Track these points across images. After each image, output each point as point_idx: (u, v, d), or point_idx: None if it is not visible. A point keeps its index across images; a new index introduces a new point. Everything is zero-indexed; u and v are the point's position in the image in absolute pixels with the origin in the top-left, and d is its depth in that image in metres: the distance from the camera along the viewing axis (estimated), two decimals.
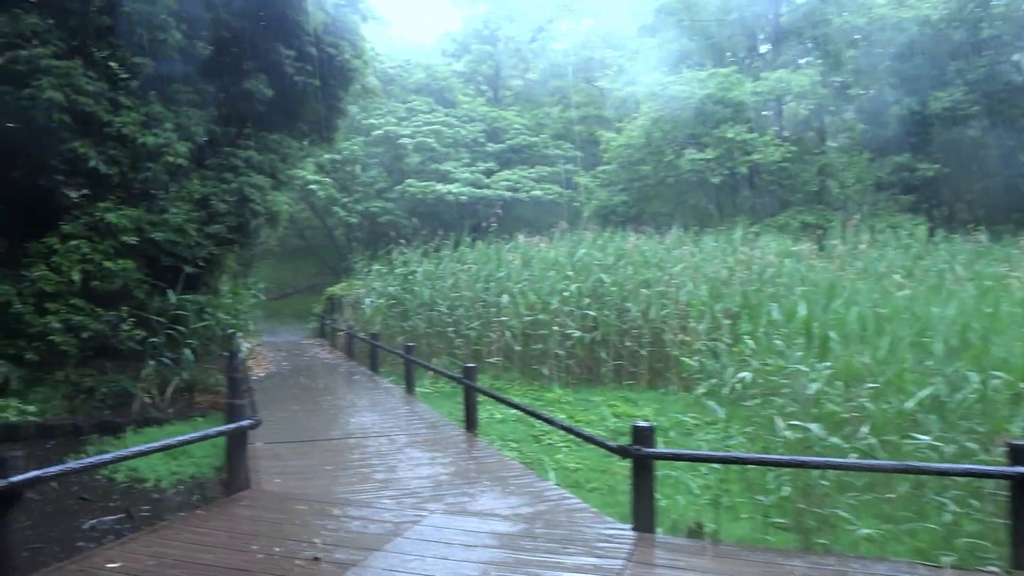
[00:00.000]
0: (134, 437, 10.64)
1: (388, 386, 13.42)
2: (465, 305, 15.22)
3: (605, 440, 5.77)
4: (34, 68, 11.91)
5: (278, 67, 15.26)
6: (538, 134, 34.75)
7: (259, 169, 15.68)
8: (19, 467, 4.52)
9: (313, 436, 9.07)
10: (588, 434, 6.08)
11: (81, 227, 12.77)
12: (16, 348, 11.86)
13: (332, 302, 24.18)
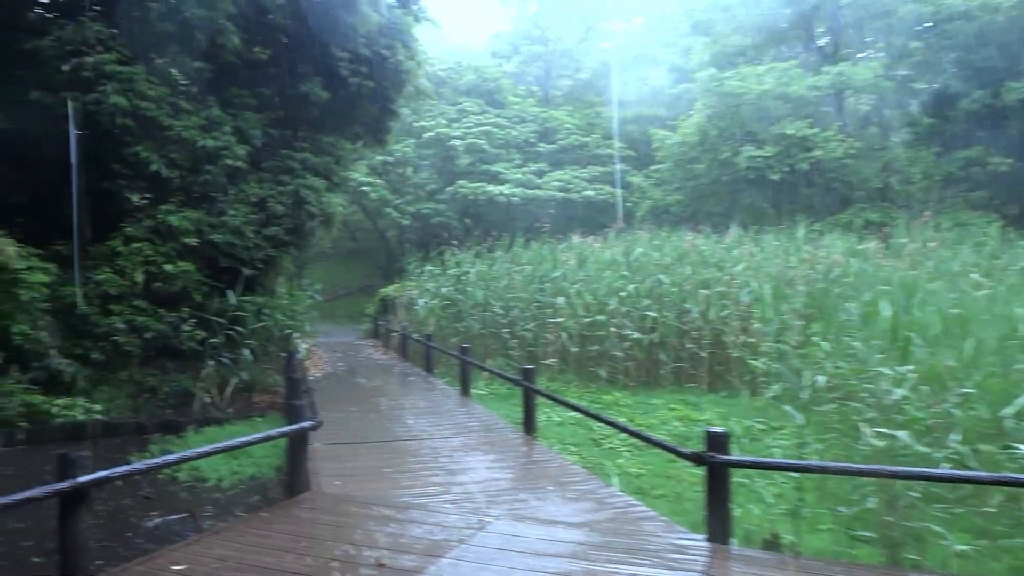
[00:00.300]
0: (195, 436, 10.75)
1: (443, 387, 13.33)
2: (520, 306, 15.05)
3: (677, 446, 5.51)
4: (99, 74, 12.18)
5: (333, 70, 15.33)
6: (589, 134, 34.41)
7: (314, 171, 15.79)
8: (86, 467, 4.51)
9: (371, 437, 8.99)
10: (659, 440, 5.83)
11: (144, 229, 13.02)
12: (83, 348, 12.14)
13: (385, 303, 24.27)
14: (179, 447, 10.12)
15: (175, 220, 12.95)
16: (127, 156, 12.78)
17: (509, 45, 42.14)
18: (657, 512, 6.12)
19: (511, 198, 29.92)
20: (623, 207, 30.57)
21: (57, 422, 10.86)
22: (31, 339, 11.17)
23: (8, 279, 11.00)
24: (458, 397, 12.16)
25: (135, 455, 9.76)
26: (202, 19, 12.75)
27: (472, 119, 33.01)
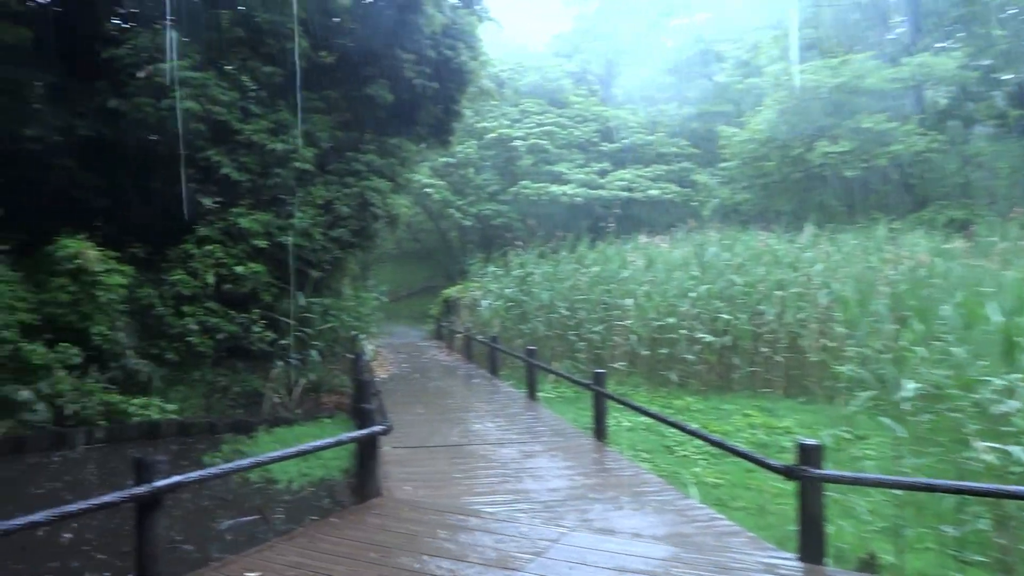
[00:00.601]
0: (265, 437, 10.84)
1: (509, 390, 13.16)
2: (586, 308, 14.78)
3: (766, 458, 5.18)
4: (173, 79, 12.42)
5: (397, 71, 15.34)
6: (653, 132, 33.81)
7: (379, 173, 15.84)
8: (162, 471, 4.47)
9: (439, 441, 8.88)
10: (745, 451, 5.51)
11: (216, 232, 13.24)
12: (158, 348, 12.42)
13: (448, 304, 24.29)
14: (250, 447, 10.22)
15: (245, 222, 13.13)
16: (199, 160, 13.01)
17: (571, 44, 41.80)
18: (742, 526, 5.80)
19: (574, 198, 29.63)
20: (688, 206, 29.92)
21: (134, 421, 11.11)
22: (109, 339, 11.48)
23: (88, 281, 11.31)
24: (525, 400, 11.97)
25: (207, 455, 9.91)
26: (271, 24, 12.92)
27: (534, 119, 32.83)
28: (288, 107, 14.16)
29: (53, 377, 10.62)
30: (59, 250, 11.12)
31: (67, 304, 11.25)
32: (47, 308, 11.15)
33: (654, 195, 30.08)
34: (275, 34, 13.12)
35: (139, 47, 12.56)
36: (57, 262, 11.31)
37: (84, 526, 6.92)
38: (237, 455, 9.88)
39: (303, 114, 14.40)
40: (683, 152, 32.71)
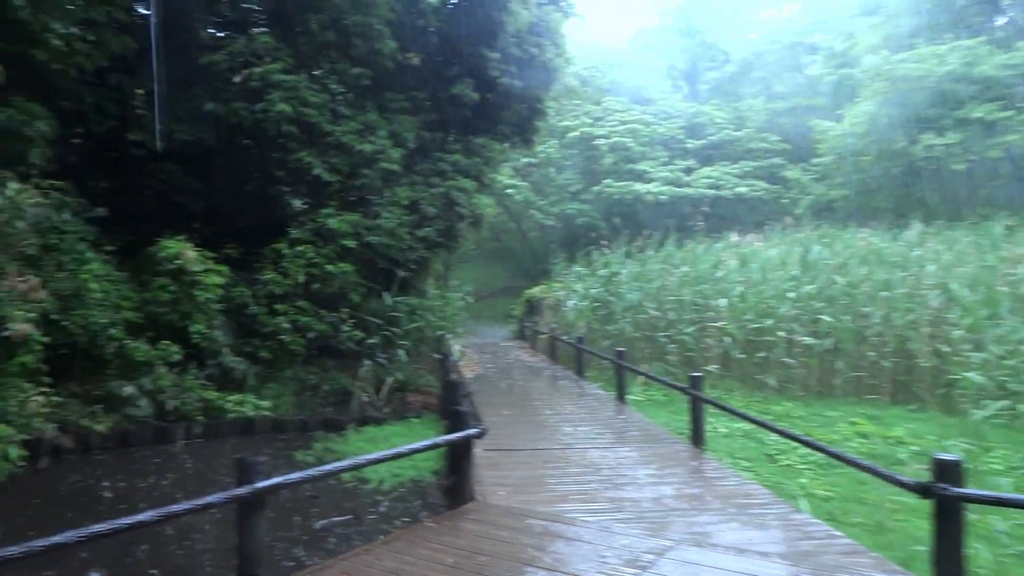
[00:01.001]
0: (355, 436, 10.90)
1: (596, 392, 12.86)
2: (676, 308, 14.32)
3: (895, 474, 4.74)
4: (266, 83, 12.70)
5: (483, 70, 15.28)
6: (740, 128, 32.77)
7: (465, 173, 15.83)
8: (264, 472, 4.42)
9: (529, 444, 8.67)
10: (870, 465, 5.07)
11: (307, 232, 13.45)
12: (252, 347, 12.70)
13: (531, 304, 24.13)
14: (341, 445, 10.29)
15: (335, 223, 13.30)
16: (291, 162, 13.26)
17: (655, 39, 41.05)
18: (862, 545, 5.36)
19: (659, 196, 28.99)
20: (778, 204, 28.85)
21: (230, 418, 11.36)
22: (207, 337, 11.79)
23: (188, 281, 11.65)
24: (614, 403, 11.65)
25: (300, 452, 10.02)
26: (360, 26, 13.04)
27: (617, 117, 32.32)
28: (376, 108, 14.29)
29: (155, 374, 10.98)
30: (161, 251, 11.50)
31: (168, 303, 11.62)
32: (149, 307, 11.54)
33: (742, 192, 29.15)
34: (364, 36, 13.24)
35: (235, 52, 12.87)
36: (159, 262, 11.70)
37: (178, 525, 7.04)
38: (329, 453, 9.96)
39: (390, 115, 14.52)
40: (772, 148, 31.56)
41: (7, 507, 7.39)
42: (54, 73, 10.56)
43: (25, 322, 8.22)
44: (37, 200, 8.63)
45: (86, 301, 10.28)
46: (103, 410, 10.45)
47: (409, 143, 14.53)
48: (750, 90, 37.31)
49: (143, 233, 13.86)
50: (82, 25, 10.59)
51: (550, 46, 16.62)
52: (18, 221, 8.34)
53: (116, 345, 10.64)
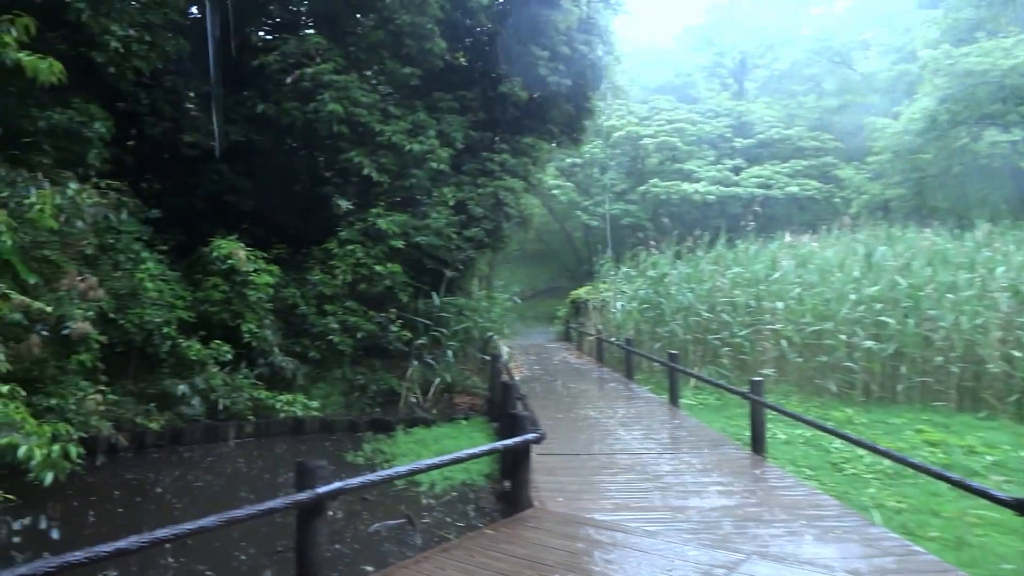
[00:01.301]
0: (404, 437, 10.81)
1: (647, 395, 12.59)
2: (729, 310, 13.95)
3: (990, 490, 4.43)
4: (318, 84, 12.72)
5: (532, 69, 15.11)
6: (790, 126, 32.05)
7: (512, 173, 15.68)
8: (325, 477, 4.32)
9: (583, 449, 8.49)
10: (958, 479, 4.76)
11: (355, 232, 13.45)
12: (301, 346, 12.73)
13: (576, 305, 23.90)
14: (391, 447, 10.22)
15: (383, 223, 13.26)
16: (341, 162, 13.27)
17: (702, 37, 40.45)
18: (947, 562, 5.06)
19: (706, 196, 28.49)
20: (829, 203, 28.14)
21: (279, 417, 11.39)
22: (257, 337, 11.82)
23: (239, 280, 11.72)
24: (667, 407, 11.39)
25: (351, 453, 9.97)
26: (411, 25, 12.98)
27: (663, 116, 31.87)
28: (424, 108, 14.23)
29: (207, 372, 11.05)
30: (214, 250, 11.57)
31: (220, 302, 11.70)
32: (201, 306, 11.63)
33: (793, 192, 28.49)
34: (414, 35, 13.18)
35: (287, 53, 12.93)
36: (211, 262, 11.78)
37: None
38: (378, 455, 9.90)
39: (439, 114, 14.45)
40: (824, 146, 30.82)
41: (67, 505, 7.46)
42: (112, 75, 10.70)
43: (84, 321, 8.30)
44: (96, 200, 8.71)
45: (141, 300, 10.39)
46: (157, 408, 10.55)
47: (457, 143, 14.43)
48: (800, 87, 36.55)
49: (194, 233, 14.03)
50: (139, 28, 10.71)
51: (599, 44, 16.40)
52: (77, 221, 8.43)
53: (170, 344, 10.73)
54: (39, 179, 7.68)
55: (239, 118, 14.42)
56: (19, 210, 6.99)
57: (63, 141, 9.88)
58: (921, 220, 20.45)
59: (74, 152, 10.07)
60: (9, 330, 7.75)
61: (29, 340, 7.59)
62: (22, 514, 5.96)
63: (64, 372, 8.67)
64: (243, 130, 14.26)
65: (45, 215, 7.05)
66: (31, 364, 7.97)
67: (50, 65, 6.39)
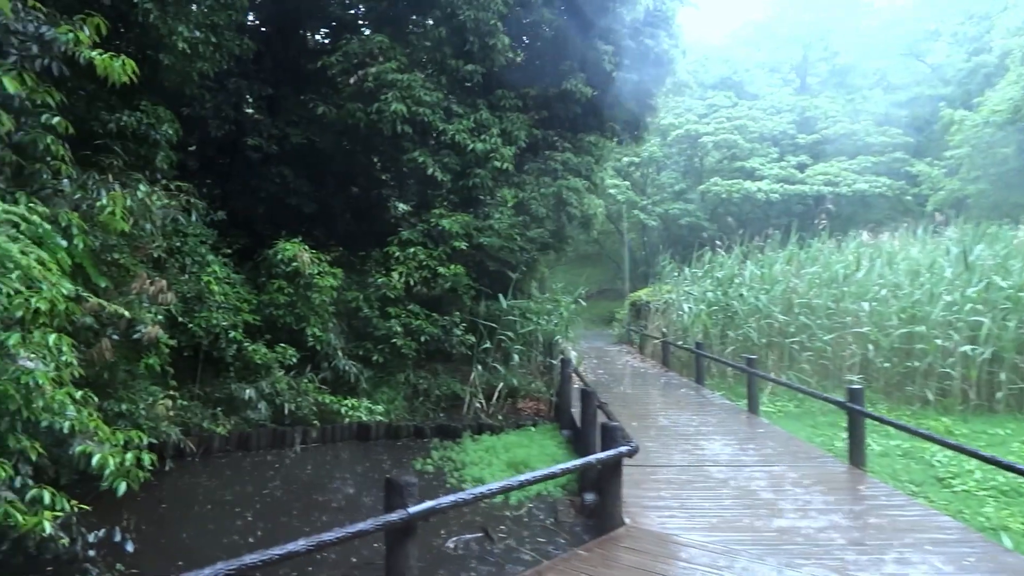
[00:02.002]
0: (472, 444, 10.47)
1: (723, 402, 12.02)
2: (807, 312, 13.27)
3: None
4: (381, 83, 12.51)
5: (596, 64, 14.68)
6: (855, 121, 30.86)
7: (575, 172, 15.27)
8: (415, 495, 3.99)
9: (666, 460, 8.02)
10: None
11: (418, 234, 13.20)
12: (364, 350, 12.52)
13: (636, 308, 23.34)
14: (459, 455, 9.90)
15: (447, 223, 12.98)
16: (402, 163, 13.04)
17: (761, 32, 39.39)
18: None
19: (770, 194, 27.58)
20: (900, 199, 26.96)
21: (344, 422, 11.18)
22: (321, 341, 11.64)
23: (303, 283, 11.55)
24: (745, 414, 10.82)
25: (419, 461, 9.67)
26: (474, 21, 12.68)
27: (723, 113, 31.02)
28: (487, 106, 13.92)
29: (272, 376, 10.89)
30: (278, 253, 11.42)
31: (284, 305, 11.55)
32: (266, 309, 11.51)
33: (861, 189, 27.35)
34: (477, 31, 12.87)
35: (349, 53, 12.76)
36: (275, 265, 11.64)
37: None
38: (447, 463, 9.59)
39: (500, 112, 14.12)
40: (893, 141, 29.57)
41: (139, 514, 7.32)
42: (178, 78, 10.64)
43: (153, 324, 8.18)
44: (165, 202, 8.60)
45: (208, 303, 10.29)
46: (223, 412, 10.43)
47: (520, 141, 14.08)
48: (865, 81, 35.28)
49: (255, 236, 14.00)
50: (204, 29, 10.64)
51: (665, 37, 15.88)
52: (147, 223, 8.32)
53: (235, 347, 10.61)
54: (109, 181, 7.56)
55: (300, 120, 14.35)
56: (90, 212, 6.86)
57: (131, 144, 9.84)
58: (1001, 217, 19.37)
59: (142, 155, 10.03)
60: (81, 334, 7.66)
61: (100, 344, 7.47)
62: (94, 524, 5.78)
63: (134, 376, 8.57)
64: (304, 132, 14.18)
65: (116, 217, 6.90)
66: (101, 368, 7.86)
67: (123, 64, 6.22)
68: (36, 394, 4.98)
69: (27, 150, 6.45)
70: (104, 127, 9.54)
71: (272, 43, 14.98)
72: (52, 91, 6.49)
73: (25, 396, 4.97)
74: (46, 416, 5.24)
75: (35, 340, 5.06)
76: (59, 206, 6.50)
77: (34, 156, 6.51)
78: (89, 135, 9.42)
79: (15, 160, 6.29)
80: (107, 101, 9.94)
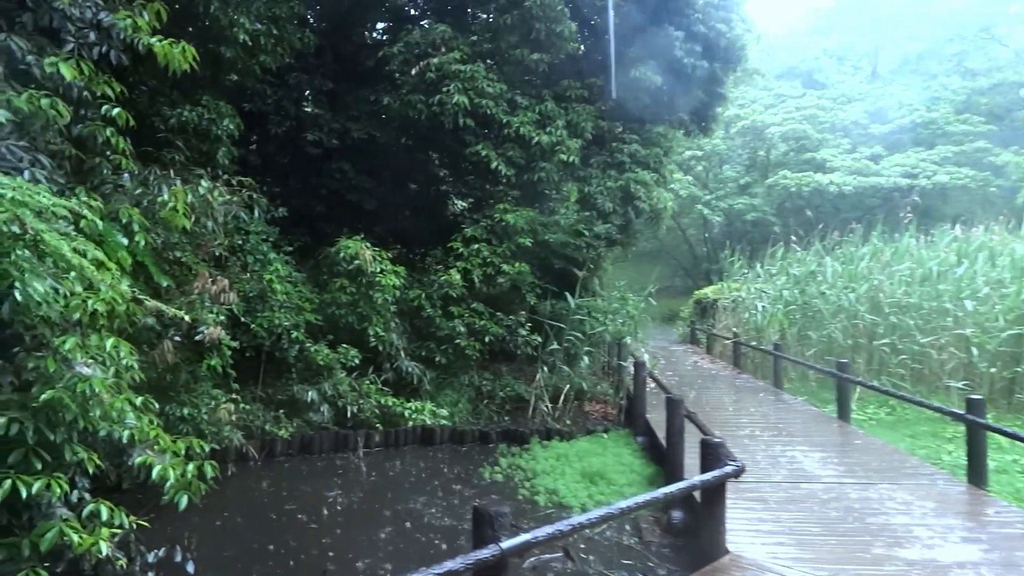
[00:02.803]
0: (541, 451, 9.95)
1: (806, 408, 11.23)
2: (897, 312, 12.35)
3: None
4: (443, 74, 12.07)
5: (666, 51, 13.99)
6: (932, 109, 29.27)
7: (643, 164, 14.61)
8: (507, 526, 3.48)
9: (760, 475, 7.34)
10: None
11: (481, 230, 12.74)
12: (427, 351, 12.10)
13: (701, 306, 22.49)
14: (528, 462, 9.39)
15: (511, 219, 12.49)
16: (469, 156, 12.59)
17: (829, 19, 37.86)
18: None
19: (843, 187, 26.30)
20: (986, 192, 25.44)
21: (408, 426, 10.79)
22: (384, 341, 11.26)
23: (365, 282, 11.19)
24: (836, 423, 10.03)
25: (486, 468, 9.20)
26: (541, 7, 12.14)
27: (791, 103, 29.79)
28: (552, 97, 13.36)
29: (335, 378, 10.56)
30: (341, 250, 11.07)
31: (346, 304, 11.22)
32: (328, 309, 11.19)
33: (941, 181, 25.88)
34: (544, 18, 12.31)
35: (410, 44, 12.36)
36: (337, 263, 11.31)
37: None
38: (517, 471, 9.10)
39: (566, 103, 13.55)
40: (974, 130, 27.93)
41: (200, 525, 7.01)
42: (240, 72, 10.40)
43: (216, 325, 7.89)
44: (226, 199, 8.30)
45: (270, 303, 10.00)
46: (285, 415, 10.15)
47: (587, 133, 13.48)
48: (941, 67, 33.54)
49: (316, 234, 13.74)
50: (266, 21, 10.36)
51: (738, 21, 15.08)
52: (208, 221, 8.04)
53: (297, 348, 10.30)
54: (171, 177, 7.28)
55: (360, 115, 14.02)
56: (151, 209, 6.56)
57: (193, 140, 9.61)
58: None
59: (203, 152, 9.80)
60: (142, 335, 7.41)
61: (162, 346, 7.20)
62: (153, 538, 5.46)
63: (196, 379, 8.31)
64: (365, 127, 13.84)
65: (179, 214, 6.59)
66: (163, 371, 7.60)
67: (183, 50, 5.89)
68: (93, 402, 4.64)
69: (87, 143, 6.17)
70: (165, 123, 9.34)
71: (331, 38, 14.69)
72: (112, 81, 6.19)
73: (82, 405, 4.64)
74: (104, 425, 4.92)
75: (93, 344, 4.71)
76: (120, 202, 6.20)
77: (94, 150, 6.23)
78: (151, 131, 9.22)
79: (75, 154, 6.01)
80: (169, 96, 9.74)
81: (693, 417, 6.91)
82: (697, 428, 6.58)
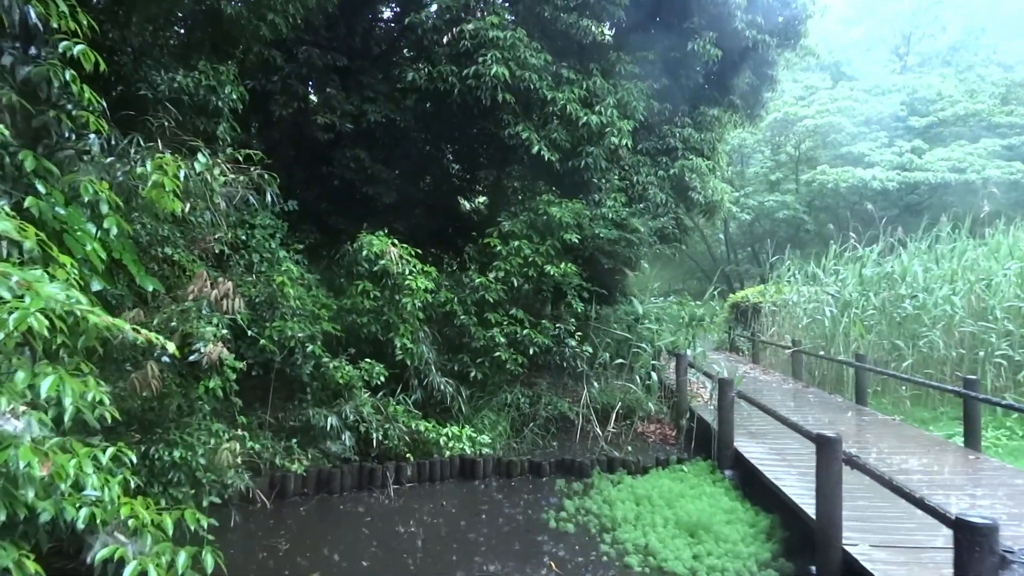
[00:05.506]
0: (609, 488, 8.20)
1: (916, 432, 9.47)
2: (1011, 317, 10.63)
3: None
4: (479, 43, 10.36)
5: (727, 21, 12.33)
6: (975, 100, 27.63)
7: (697, 151, 12.98)
8: None
9: (915, 537, 5.56)
10: None
11: (520, 225, 11.03)
12: (460, 365, 10.36)
13: (739, 310, 20.79)
14: (599, 505, 7.65)
15: (555, 211, 10.78)
16: (505, 139, 10.87)
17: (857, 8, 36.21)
18: None
19: (886, 183, 24.60)
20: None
21: (444, 456, 9.04)
22: (412, 354, 9.51)
23: (391, 285, 9.47)
24: (962, 452, 8.30)
25: (551, 515, 7.45)
26: None
27: (823, 95, 28.13)
28: (601, 72, 11.66)
29: (356, 399, 8.81)
30: (363, 248, 9.33)
31: (369, 312, 9.49)
32: (347, 317, 9.47)
33: (991, 176, 24.19)
34: None
35: (442, 7, 10.65)
36: (358, 263, 9.58)
37: None
38: (589, 518, 7.35)
39: (615, 80, 11.86)
40: (1021, 122, 26.29)
41: None
42: (243, 33, 8.67)
43: (217, 341, 6.13)
44: (230, 177, 6.53)
45: (281, 310, 8.27)
46: (298, 445, 8.41)
47: (639, 114, 11.78)
48: (976, 58, 31.93)
49: (326, 230, 12.07)
50: None
51: None
52: (206, 208, 6.31)
53: (313, 364, 8.56)
54: (159, 149, 5.55)
55: (378, 96, 12.31)
56: (129, 186, 4.83)
57: (189, 112, 7.88)
58: None
59: (200, 128, 8.06)
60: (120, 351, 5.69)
61: (146, 369, 5.47)
62: None
63: (191, 408, 6.54)
64: (382, 110, 12.12)
65: (167, 194, 4.87)
66: (147, 399, 5.86)
67: None
68: (24, 478, 2.92)
69: (37, 91, 4.43)
70: (155, 90, 7.60)
71: (346, 8, 12.99)
72: (78, 9, 4.47)
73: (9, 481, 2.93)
74: (46, 505, 3.20)
75: (18, 383, 2.99)
76: (85, 174, 4.47)
77: (48, 100, 4.49)
78: (137, 100, 7.51)
79: (18, 102, 4.25)
80: (158, 59, 8.02)
81: (852, 460, 5.15)
82: (896, 493, 4.82)
